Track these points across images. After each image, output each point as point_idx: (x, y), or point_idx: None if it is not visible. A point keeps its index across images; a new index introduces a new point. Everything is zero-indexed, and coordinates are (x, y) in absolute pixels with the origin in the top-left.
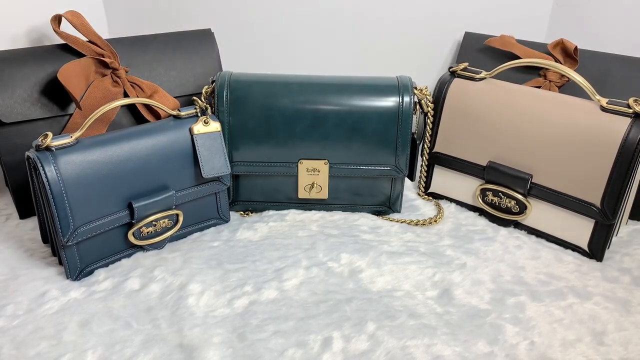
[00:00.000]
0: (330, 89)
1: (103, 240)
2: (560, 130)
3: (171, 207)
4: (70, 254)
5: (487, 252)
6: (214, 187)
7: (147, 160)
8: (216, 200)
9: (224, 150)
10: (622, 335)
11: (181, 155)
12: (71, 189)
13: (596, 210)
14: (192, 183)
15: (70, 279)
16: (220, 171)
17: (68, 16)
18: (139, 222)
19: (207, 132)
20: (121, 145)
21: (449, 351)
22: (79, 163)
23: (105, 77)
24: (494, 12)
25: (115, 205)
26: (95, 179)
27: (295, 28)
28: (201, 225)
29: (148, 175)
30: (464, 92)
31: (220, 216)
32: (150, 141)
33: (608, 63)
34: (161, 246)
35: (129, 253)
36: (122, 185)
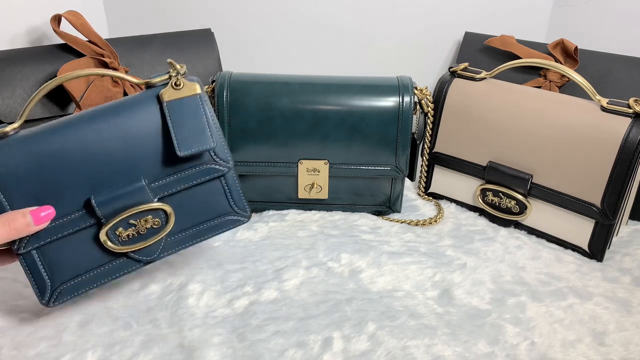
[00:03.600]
0: (330, 89)
1: (73, 249)
2: (561, 130)
3: (148, 200)
4: (32, 265)
5: (488, 253)
6: (206, 172)
7: (110, 144)
8: (223, 190)
9: (206, 119)
10: (622, 336)
11: (153, 133)
12: (9, 188)
13: (596, 210)
14: (173, 169)
15: (42, 301)
16: (201, 145)
17: (68, 16)
18: (110, 222)
19: (180, 97)
20: (74, 129)
21: (449, 351)
22: (16, 156)
23: (105, 77)
24: (494, 12)
25: (74, 204)
26: (42, 173)
27: (295, 28)
28: (213, 224)
29: (112, 163)
30: (464, 92)
31: (235, 210)
32: (111, 120)
33: (608, 63)
34: (154, 253)
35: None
36: (79, 179)
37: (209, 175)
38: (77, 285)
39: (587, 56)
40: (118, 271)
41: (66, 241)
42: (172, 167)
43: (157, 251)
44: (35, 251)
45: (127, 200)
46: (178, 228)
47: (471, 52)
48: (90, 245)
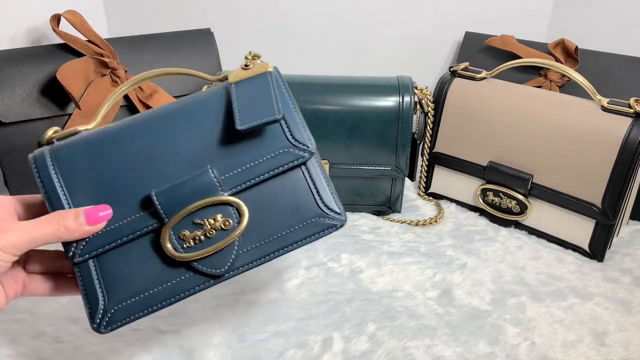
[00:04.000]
0: (330, 89)
1: (132, 260)
2: (561, 130)
3: (216, 192)
4: (87, 278)
5: (488, 253)
6: (282, 157)
7: (176, 139)
8: (307, 183)
9: (274, 92)
10: (623, 336)
11: (220, 121)
12: (72, 184)
13: (597, 210)
14: (244, 158)
15: (93, 325)
16: (263, 117)
17: (67, 16)
18: (172, 220)
19: (247, 76)
20: (139, 125)
21: (449, 352)
22: (81, 152)
23: (104, 76)
24: (495, 11)
25: (135, 205)
26: (104, 171)
27: (295, 28)
28: (297, 229)
29: (178, 158)
30: (464, 92)
31: (323, 210)
32: (178, 114)
33: (609, 63)
34: (224, 264)
35: (180, 286)
36: (142, 177)
37: (286, 162)
38: (133, 306)
39: (587, 56)
40: (181, 290)
41: (125, 250)
42: (243, 156)
43: (227, 262)
44: (92, 261)
45: (192, 191)
46: (254, 235)
47: (471, 52)
48: (150, 255)
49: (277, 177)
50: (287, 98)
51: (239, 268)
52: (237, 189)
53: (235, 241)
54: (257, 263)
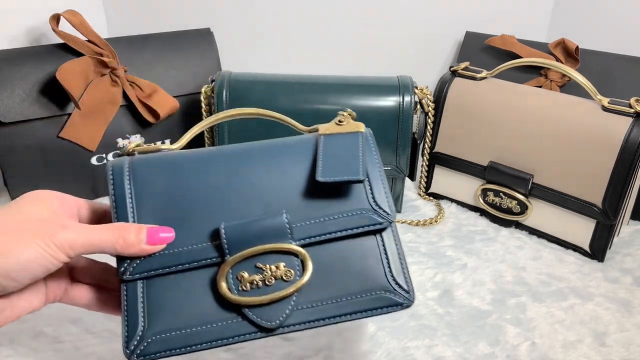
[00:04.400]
0: (331, 89)
1: (183, 291)
2: (562, 130)
3: (285, 239)
4: (132, 299)
5: (488, 253)
6: (359, 220)
7: (256, 178)
8: (379, 252)
9: (361, 154)
10: (623, 336)
11: (303, 169)
12: (143, 201)
13: (597, 210)
14: (320, 211)
15: (126, 351)
16: (345, 175)
17: (67, 15)
18: (234, 258)
19: (338, 132)
20: (223, 156)
21: (449, 352)
22: (159, 171)
23: (104, 76)
24: (495, 11)
25: (199, 235)
26: (178, 195)
27: (295, 27)
28: (360, 300)
29: (255, 197)
30: (465, 91)
31: (391, 286)
32: (264, 153)
33: (609, 63)
34: (276, 317)
35: (226, 331)
36: (214, 208)
37: (362, 224)
38: (171, 340)
39: (588, 56)
40: (226, 335)
41: (177, 279)
42: (319, 210)
43: (280, 316)
44: (141, 282)
45: (261, 232)
46: (312, 294)
47: (472, 52)
48: (202, 290)
49: (349, 239)
50: (376, 162)
51: (291, 326)
52: (306, 242)
53: (293, 296)
54: (310, 325)
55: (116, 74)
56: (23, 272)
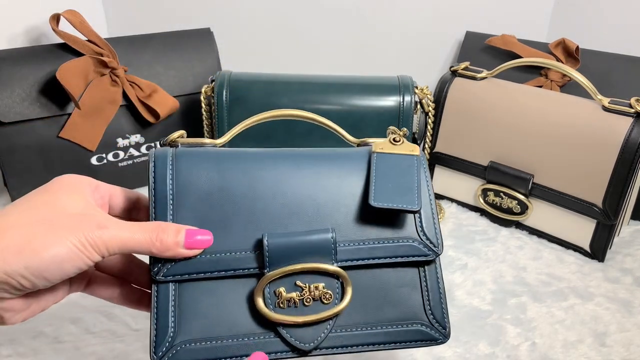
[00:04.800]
0: (331, 89)
1: (217, 298)
2: (562, 130)
3: (329, 257)
4: (163, 301)
5: (489, 253)
6: (407, 249)
7: (304, 189)
8: (420, 285)
9: (417, 182)
10: (624, 336)
11: (354, 188)
12: (182, 199)
13: (598, 210)
14: (366, 234)
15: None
16: (401, 203)
17: (67, 15)
18: (273, 272)
19: (394, 152)
20: (272, 161)
21: (450, 352)
22: (202, 168)
23: (104, 76)
24: (495, 11)
25: (240, 242)
26: (220, 197)
27: (295, 27)
28: (396, 330)
29: (301, 209)
30: (465, 91)
31: (429, 320)
32: (314, 163)
33: (610, 63)
34: (310, 340)
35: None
36: (257, 216)
37: (408, 254)
38: (201, 351)
39: (588, 55)
40: (255, 350)
41: (211, 286)
42: (365, 232)
43: (316, 339)
44: (173, 285)
45: (305, 248)
46: (349, 319)
47: (472, 52)
48: (236, 301)
49: (391, 267)
50: (428, 189)
51: (324, 349)
52: (347, 264)
53: (330, 319)
54: (344, 350)
55: (116, 73)
56: (55, 272)
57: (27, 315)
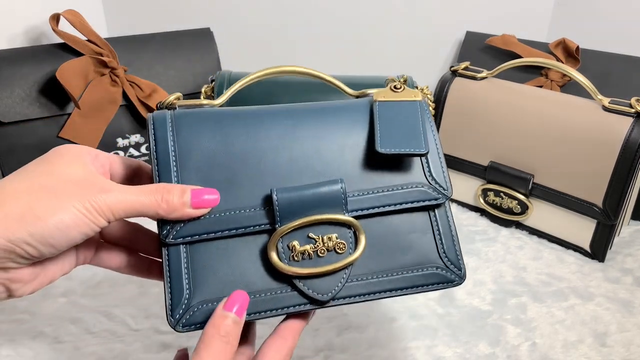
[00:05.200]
0: (331, 89)
1: (229, 258)
2: (562, 130)
3: (340, 208)
4: (175, 264)
5: (489, 253)
6: (416, 194)
7: (308, 142)
8: (432, 229)
9: (422, 125)
10: (624, 337)
11: (358, 137)
12: (186, 159)
13: (598, 210)
14: (375, 183)
15: (170, 320)
16: (409, 147)
17: (67, 15)
18: (285, 226)
19: (395, 99)
20: (272, 118)
21: (450, 352)
22: (203, 128)
23: (103, 76)
24: (495, 11)
25: (247, 199)
26: (223, 155)
27: (295, 27)
28: (411, 275)
29: (308, 162)
30: (465, 91)
31: (444, 262)
32: (316, 117)
33: (610, 62)
34: (328, 290)
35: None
36: (263, 172)
37: (418, 199)
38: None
39: (588, 55)
40: (275, 306)
41: (222, 245)
42: (373, 181)
43: (333, 289)
44: (184, 247)
45: (316, 200)
46: (364, 268)
47: (472, 52)
48: (249, 258)
49: (402, 214)
50: (433, 133)
51: (341, 299)
52: (359, 213)
53: (346, 268)
54: (361, 298)
55: (116, 73)
56: (61, 238)
57: (36, 286)
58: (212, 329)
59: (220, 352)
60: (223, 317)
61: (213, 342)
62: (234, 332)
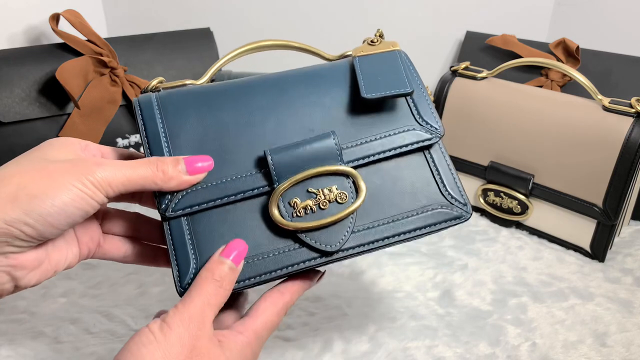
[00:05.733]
0: None
1: (233, 223)
2: (562, 130)
3: (335, 159)
4: (178, 236)
5: (489, 253)
6: (408, 137)
7: (296, 103)
8: (429, 168)
9: (403, 69)
10: (624, 337)
11: (343, 92)
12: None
13: (598, 210)
14: (366, 131)
15: (180, 289)
16: (393, 88)
17: (66, 15)
18: (284, 184)
19: (374, 52)
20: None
21: (450, 353)
22: (190, 104)
23: (103, 76)
24: (496, 11)
25: (242, 164)
26: (212, 126)
27: (295, 27)
28: (417, 217)
29: (297, 121)
30: (465, 91)
31: (447, 199)
32: (300, 80)
33: (610, 62)
34: (335, 240)
35: (285, 259)
36: (254, 136)
37: (410, 141)
38: None
39: (588, 55)
40: (285, 263)
41: (223, 212)
42: (365, 130)
43: (339, 239)
44: (184, 219)
45: (310, 155)
46: (367, 217)
47: (472, 51)
48: (252, 220)
49: (398, 158)
50: (416, 78)
51: (350, 249)
52: (354, 164)
53: (350, 218)
54: (369, 247)
55: (116, 73)
56: (60, 216)
57: (40, 276)
58: (206, 272)
59: (211, 295)
60: (219, 262)
61: (206, 284)
62: (229, 278)
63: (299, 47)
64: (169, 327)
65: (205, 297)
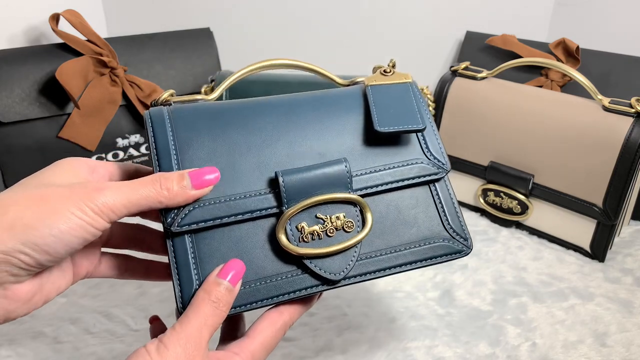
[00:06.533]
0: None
1: (237, 243)
2: (562, 130)
3: (345, 187)
4: (182, 254)
5: (489, 253)
6: (416, 170)
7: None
8: (434, 202)
9: (416, 104)
10: (624, 337)
11: (355, 122)
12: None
13: (598, 210)
14: (375, 162)
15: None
16: (406, 124)
17: (66, 15)
18: (293, 208)
19: (386, 83)
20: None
21: (450, 353)
22: (203, 123)
23: (103, 76)
24: (496, 11)
25: (252, 183)
26: (223, 144)
27: (295, 27)
28: (419, 249)
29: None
30: (465, 91)
31: (449, 233)
32: (313, 105)
33: (610, 62)
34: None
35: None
36: (265, 157)
37: (420, 174)
38: None
39: (588, 55)
40: (288, 289)
41: (228, 231)
42: (373, 160)
43: (344, 268)
44: (188, 236)
45: (321, 180)
46: (372, 245)
47: (472, 51)
48: (258, 242)
49: (403, 190)
50: (425, 112)
51: (353, 277)
52: (363, 192)
53: (355, 247)
54: (372, 276)
55: (116, 73)
56: (57, 245)
57: (29, 307)
58: (203, 293)
59: (208, 316)
60: (216, 284)
61: (203, 304)
62: (226, 299)
63: (310, 68)
64: (166, 347)
65: (202, 318)
